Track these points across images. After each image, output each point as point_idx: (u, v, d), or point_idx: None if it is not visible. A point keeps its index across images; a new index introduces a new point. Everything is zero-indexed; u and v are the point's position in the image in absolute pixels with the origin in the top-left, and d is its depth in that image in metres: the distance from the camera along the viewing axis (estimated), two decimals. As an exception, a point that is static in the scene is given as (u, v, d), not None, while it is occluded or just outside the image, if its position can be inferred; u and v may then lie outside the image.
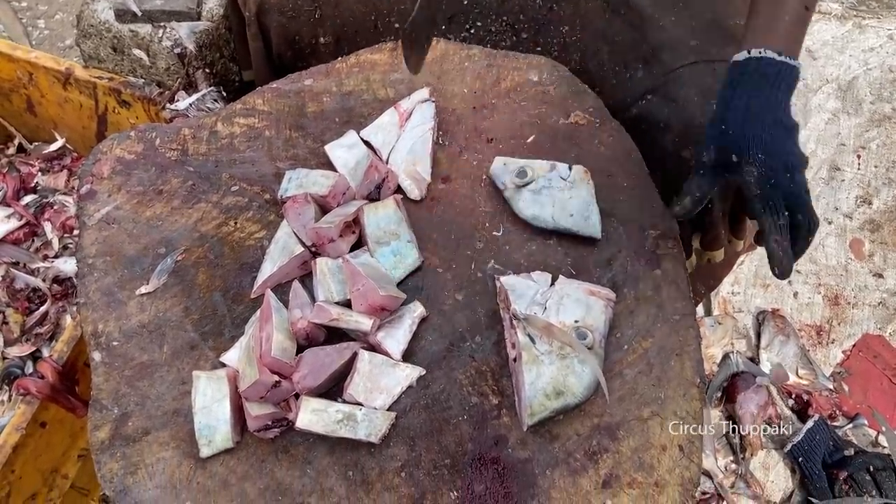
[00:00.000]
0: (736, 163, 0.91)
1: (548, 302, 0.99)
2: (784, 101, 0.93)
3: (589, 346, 0.95)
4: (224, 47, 1.69)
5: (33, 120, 1.85)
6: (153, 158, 1.17)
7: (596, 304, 0.99)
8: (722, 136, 0.92)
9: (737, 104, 0.93)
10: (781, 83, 0.93)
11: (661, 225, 1.09)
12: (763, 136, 0.90)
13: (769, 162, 0.89)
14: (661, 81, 1.20)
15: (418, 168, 1.12)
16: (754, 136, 0.90)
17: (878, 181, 2.10)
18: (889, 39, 2.37)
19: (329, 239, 1.04)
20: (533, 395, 0.92)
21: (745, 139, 0.90)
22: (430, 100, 1.18)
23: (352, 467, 0.94)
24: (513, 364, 0.98)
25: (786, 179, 0.89)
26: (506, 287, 1.00)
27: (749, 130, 0.90)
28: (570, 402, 0.93)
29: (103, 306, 1.05)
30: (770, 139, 0.90)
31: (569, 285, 1.01)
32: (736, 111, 0.92)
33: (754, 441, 1.68)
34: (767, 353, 1.79)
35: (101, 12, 1.62)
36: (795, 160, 0.91)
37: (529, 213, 1.08)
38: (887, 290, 1.93)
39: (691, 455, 0.94)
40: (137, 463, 0.95)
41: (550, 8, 1.30)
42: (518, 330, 0.96)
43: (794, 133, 0.93)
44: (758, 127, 0.90)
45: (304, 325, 0.98)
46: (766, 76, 0.92)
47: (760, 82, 0.93)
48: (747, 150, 0.90)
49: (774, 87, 0.93)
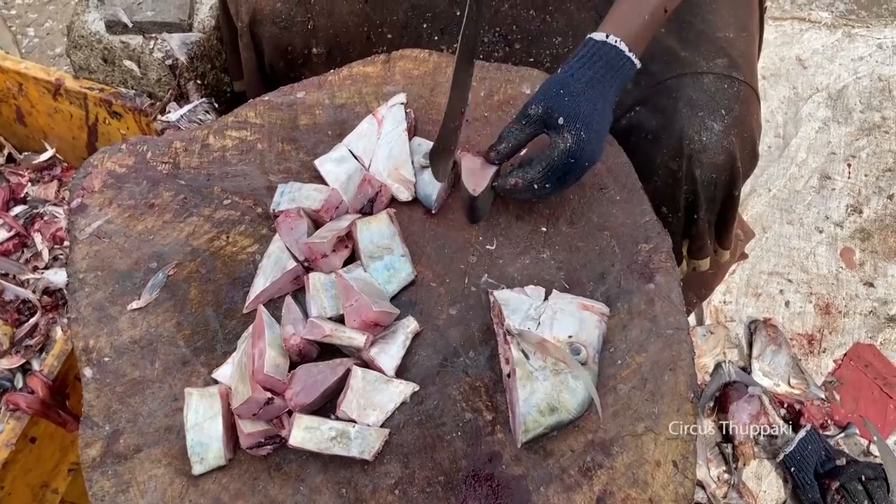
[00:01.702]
0: (560, 125, 0.97)
1: (541, 317, 0.99)
2: (614, 93, 1.01)
3: (583, 361, 0.95)
4: (216, 58, 1.69)
5: (23, 130, 1.84)
6: (144, 172, 1.17)
7: (590, 318, 0.99)
8: (557, 97, 0.98)
9: (580, 77, 0.99)
10: (619, 76, 1.00)
11: (654, 239, 1.09)
12: (593, 118, 0.97)
13: (584, 144, 0.97)
14: (650, 93, 1.20)
15: (401, 171, 1.11)
16: (583, 114, 0.96)
17: (868, 190, 2.11)
18: (878, 48, 2.39)
19: (322, 254, 1.04)
20: (527, 412, 0.92)
21: (575, 111, 0.96)
22: (396, 103, 1.18)
23: (345, 485, 0.93)
24: (507, 380, 0.98)
25: (578, 167, 0.99)
26: (499, 302, 1.00)
27: (580, 106, 0.97)
28: (563, 418, 0.93)
29: (94, 322, 1.04)
30: (595, 125, 0.97)
31: (562, 300, 1.01)
32: (578, 83, 0.98)
33: (747, 451, 1.69)
34: (759, 363, 1.79)
35: (91, 23, 1.62)
36: (598, 156, 1.00)
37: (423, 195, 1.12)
38: (878, 299, 1.93)
39: (685, 471, 0.94)
40: (129, 481, 0.94)
41: (543, 19, 1.30)
42: (512, 346, 0.95)
43: (607, 129, 1.02)
44: (591, 108, 0.97)
45: (297, 342, 0.97)
46: (613, 66, 0.99)
47: (607, 70, 0.99)
48: (575, 121, 0.96)
49: (615, 79, 1.00)
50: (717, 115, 1.15)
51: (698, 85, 1.17)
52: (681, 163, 1.16)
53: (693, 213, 1.23)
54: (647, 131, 1.19)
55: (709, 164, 1.16)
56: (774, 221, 2.05)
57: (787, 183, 2.11)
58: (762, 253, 2.00)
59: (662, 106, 1.18)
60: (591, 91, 0.98)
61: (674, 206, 1.22)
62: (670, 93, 1.18)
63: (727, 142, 1.15)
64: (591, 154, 0.99)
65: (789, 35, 2.42)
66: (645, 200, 1.13)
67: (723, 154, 1.15)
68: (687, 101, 1.16)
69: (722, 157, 1.16)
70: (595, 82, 0.98)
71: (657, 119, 1.18)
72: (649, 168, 1.18)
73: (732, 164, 1.17)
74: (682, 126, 1.15)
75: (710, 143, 1.15)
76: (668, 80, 1.19)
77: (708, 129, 1.15)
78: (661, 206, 1.19)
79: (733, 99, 1.16)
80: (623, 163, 1.16)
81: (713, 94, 1.16)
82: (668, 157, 1.18)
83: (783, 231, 2.04)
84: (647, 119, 1.20)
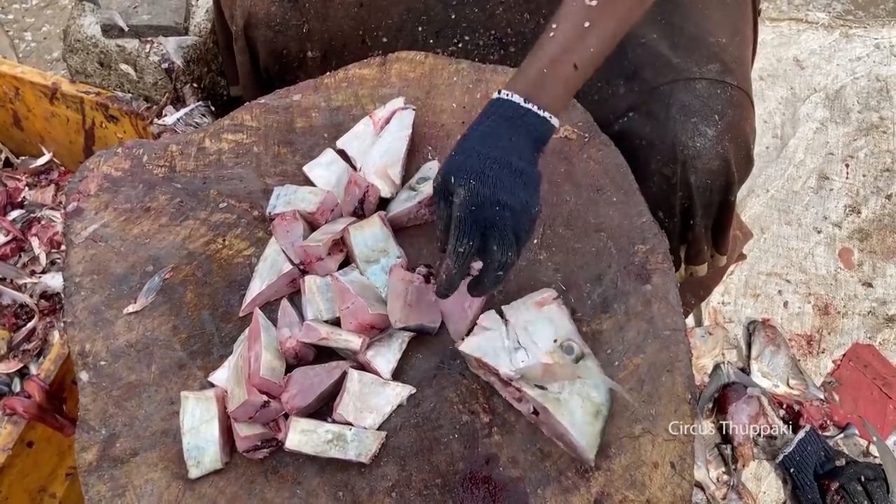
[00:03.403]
0: (453, 184, 0.90)
1: (518, 340, 0.97)
2: (523, 144, 0.92)
3: (579, 356, 0.95)
4: (212, 62, 1.69)
5: (20, 134, 1.84)
6: (140, 175, 1.17)
7: (553, 310, 0.99)
8: (449, 162, 0.92)
9: (471, 135, 0.93)
10: (522, 128, 0.92)
11: (651, 240, 1.09)
12: (482, 167, 0.89)
13: (479, 190, 0.88)
14: (643, 99, 1.20)
15: (390, 171, 1.11)
16: (471, 166, 0.89)
17: (866, 190, 2.11)
18: (875, 48, 2.39)
19: (317, 257, 1.03)
20: (581, 434, 0.91)
21: (464, 166, 0.89)
22: (409, 107, 1.18)
23: (342, 488, 0.93)
24: (534, 417, 0.96)
25: (491, 210, 0.88)
26: (475, 355, 0.96)
27: (469, 160, 0.90)
28: (604, 412, 0.94)
29: (90, 326, 1.04)
30: (489, 172, 0.89)
31: (519, 310, 1.00)
32: (469, 140, 0.92)
33: (746, 452, 1.68)
34: (758, 364, 1.79)
35: (87, 27, 1.62)
36: (512, 200, 0.89)
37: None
38: (877, 300, 1.93)
39: (683, 472, 0.94)
40: (126, 485, 0.94)
41: (538, 22, 1.30)
42: (524, 388, 0.94)
43: (523, 178, 0.91)
44: (477, 159, 0.89)
45: (293, 345, 0.97)
46: (508, 118, 0.92)
47: (500, 122, 0.92)
48: (461, 176, 0.89)
49: (513, 130, 0.92)
50: (711, 120, 1.15)
51: (691, 90, 1.17)
52: (675, 169, 1.16)
53: (689, 219, 1.23)
54: (641, 137, 1.19)
55: (703, 170, 1.16)
56: (773, 222, 2.05)
57: (786, 183, 2.11)
58: (760, 254, 2.00)
59: (656, 112, 1.18)
60: (481, 145, 0.91)
61: (669, 211, 1.21)
62: (663, 99, 1.18)
63: (721, 147, 1.15)
64: (495, 195, 0.88)
65: (786, 36, 2.42)
66: (641, 202, 1.13)
67: (717, 159, 1.15)
68: (680, 106, 1.16)
69: (716, 163, 1.15)
70: (485, 136, 0.92)
71: (650, 125, 1.18)
72: (644, 174, 1.18)
73: (727, 170, 1.17)
74: (675, 132, 1.15)
75: (704, 148, 1.14)
76: (661, 87, 1.19)
77: (702, 134, 1.14)
78: (656, 212, 1.19)
79: (727, 104, 1.16)
80: (619, 164, 1.15)
81: (706, 99, 1.16)
82: (663, 163, 1.17)
83: (781, 232, 2.04)
84: (640, 125, 1.19)
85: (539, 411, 0.94)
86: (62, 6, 2.62)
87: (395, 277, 1.00)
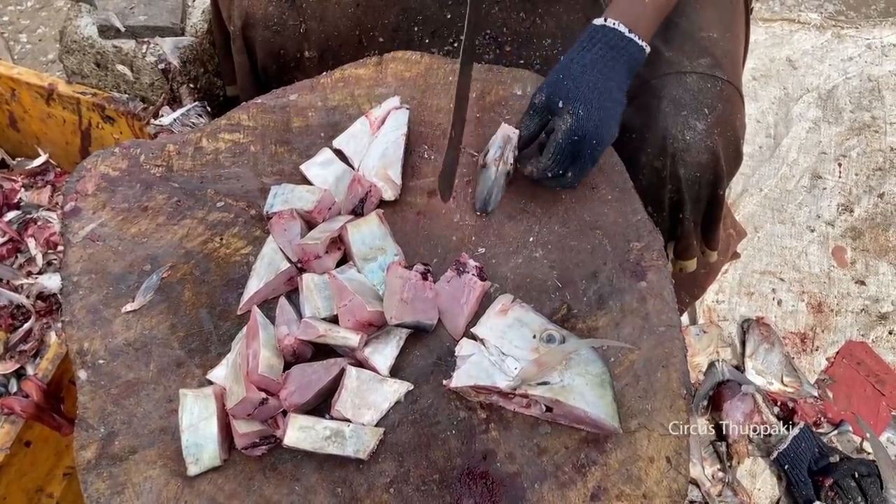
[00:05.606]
0: (560, 108, 1.01)
1: (502, 351, 0.98)
2: (622, 74, 1.04)
3: (561, 340, 0.97)
4: (208, 62, 1.69)
5: (16, 135, 1.84)
6: (138, 175, 1.17)
7: (517, 312, 1.01)
8: (557, 83, 1.02)
9: (580, 60, 1.02)
10: (624, 57, 1.03)
11: (646, 237, 1.10)
12: (590, 97, 1.00)
13: (584, 122, 0.99)
14: (634, 92, 1.21)
15: (389, 172, 1.12)
16: (582, 95, 0.99)
17: (858, 189, 2.12)
18: (867, 49, 2.40)
19: (315, 255, 1.04)
20: (599, 409, 0.93)
21: (573, 93, 0.99)
22: (403, 107, 1.18)
23: (340, 484, 0.94)
24: (550, 415, 0.96)
25: (589, 145, 1.01)
26: (468, 382, 0.96)
27: (580, 88, 1.00)
28: (608, 379, 0.96)
29: (89, 324, 1.04)
30: (596, 104, 1.00)
31: (487, 326, 1.01)
32: (577, 66, 1.02)
33: (741, 449, 1.69)
34: (753, 362, 1.80)
35: (84, 28, 1.62)
36: (608, 136, 1.02)
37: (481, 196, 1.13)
38: (869, 297, 1.94)
39: (679, 467, 0.94)
40: (124, 482, 0.95)
41: (533, 21, 1.31)
42: (529, 391, 0.94)
43: (618, 108, 1.03)
44: (587, 88, 1.00)
45: (291, 342, 0.98)
46: (614, 47, 1.02)
47: (606, 51, 1.02)
48: (573, 101, 0.99)
49: (617, 60, 1.03)
50: (701, 114, 1.16)
51: (682, 84, 1.18)
52: (665, 162, 1.17)
53: (678, 213, 1.24)
54: (632, 130, 1.20)
55: (692, 163, 1.17)
56: (766, 221, 2.07)
57: (779, 182, 2.13)
58: (754, 252, 2.01)
59: (646, 105, 1.19)
60: (591, 72, 1.01)
61: (659, 205, 1.22)
62: (654, 92, 1.19)
63: (710, 141, 1.16)
64: (596, 131, 1.00)
65: (779, 36, 2.44)
66: (636, 199, 1.14)
67: (706, 153, 1.16)
68: (671, 100, 1.17)
69: (705, 156, 1.16)
70: (595, 63, 1.01)
71: (641, 118, 1.19)
72: (634, 167, 1.19)
73: (716, 164, 1.18)
74: (665, 125, 1.16)
75: (693, 141, 1.15)
76: (653, 80, 1.20)
77: (691, 128, 1.15)
78: (646, 206, 1.20)
79: (716, 98, 1.17)
80: (614, 162, 1.16)
81: (696, 93, 1.17)
82: (653, 156, 1.18)
83: (775, 230, 2.05)
84: (631, 118, 1.20)
85: (552, 406, 0.95)
86: (57, 8, 2.62)
87: (392, 275, 1.00)
